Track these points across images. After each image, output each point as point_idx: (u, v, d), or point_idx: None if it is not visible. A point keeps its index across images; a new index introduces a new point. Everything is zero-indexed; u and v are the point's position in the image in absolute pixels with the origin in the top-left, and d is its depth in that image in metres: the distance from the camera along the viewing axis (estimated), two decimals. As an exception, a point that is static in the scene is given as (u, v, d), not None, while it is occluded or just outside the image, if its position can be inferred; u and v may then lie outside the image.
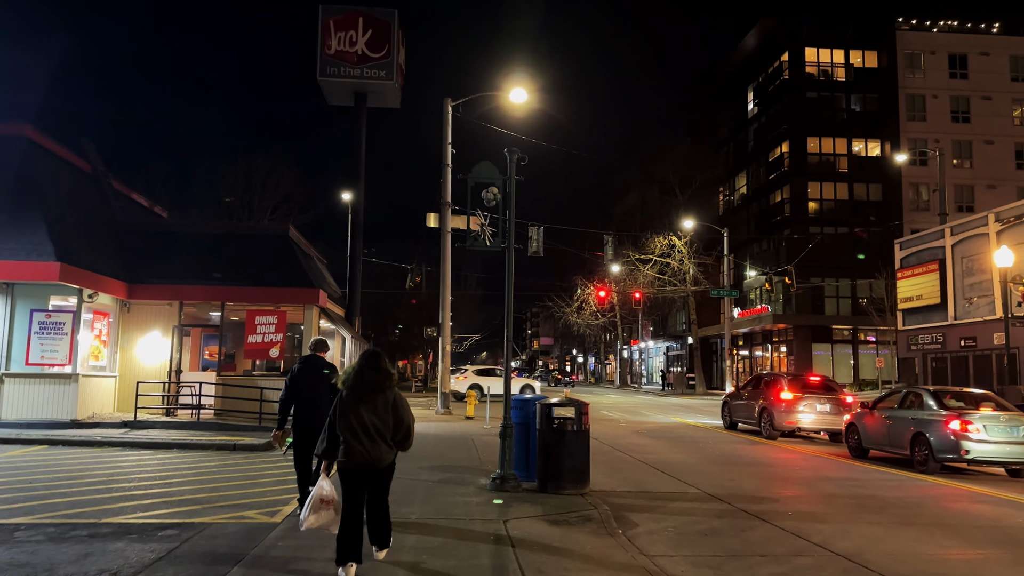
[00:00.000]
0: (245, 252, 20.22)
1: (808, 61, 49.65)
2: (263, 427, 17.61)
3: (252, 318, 19.49)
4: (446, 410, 24.76)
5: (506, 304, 10.36)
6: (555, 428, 9.84)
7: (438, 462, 12.87)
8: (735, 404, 21.68)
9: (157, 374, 19.55)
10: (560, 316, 71.44)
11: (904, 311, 29.73)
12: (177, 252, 19.77)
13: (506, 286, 10.41)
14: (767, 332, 51.27)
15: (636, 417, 26.62)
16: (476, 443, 16.23)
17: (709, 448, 17.10)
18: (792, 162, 48.66)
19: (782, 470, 13.96)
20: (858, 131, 49.40)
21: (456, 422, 21.83)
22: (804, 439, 19.74)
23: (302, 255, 21.11)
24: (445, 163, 25.60)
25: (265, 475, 11.17)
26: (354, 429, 5.81)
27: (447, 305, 25.48)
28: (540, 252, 26.66)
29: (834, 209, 48.88)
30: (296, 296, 19.50)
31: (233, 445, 13.57)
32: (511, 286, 10.38)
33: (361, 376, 5.90)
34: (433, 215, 25.69)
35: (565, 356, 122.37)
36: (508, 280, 10.40)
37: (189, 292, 19.36)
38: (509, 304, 10.35)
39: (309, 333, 19.67)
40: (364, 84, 26.03)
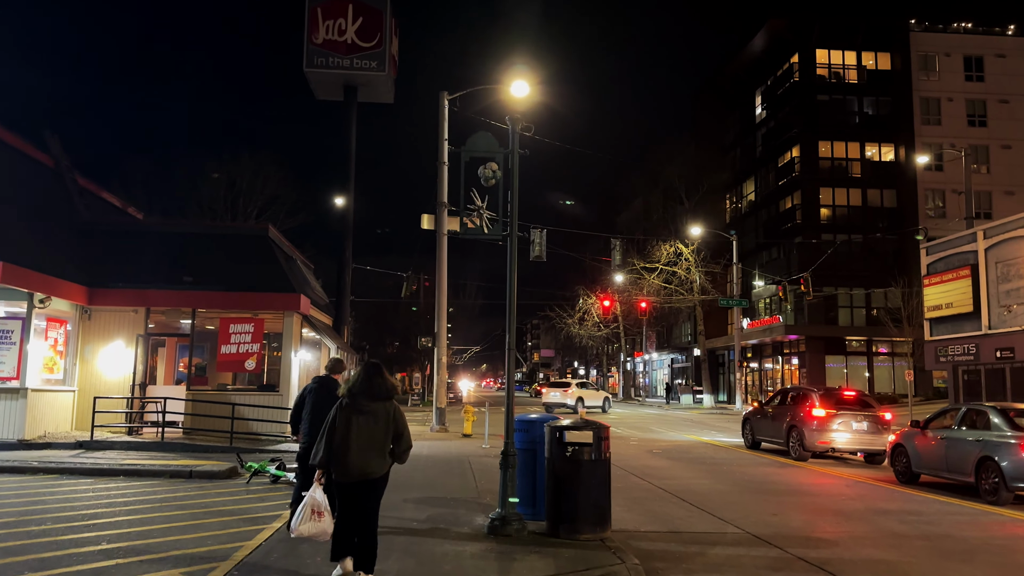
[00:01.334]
0: (220, 254, 18.39)
1: (819, 63, 48.00)
2: (234, 448, 15.72)
3: (226, 326, 17.65)
4: (442, 427, 22.86)
5: (508, 304, 8.50)
6: (569, 457, 7.96)
7: (428, 492, 10.98)
8: (758, 421, 19.78)
9: (122, 388, 17.68)
10: (562, 327, 69.57)
11: (932, 320, 27.87)
12: (144, 253, 17.95)
13: (508, 283, 8.55)
14: (777, 344, 49.33)
15: (647, 434, 24.70)
16: (473, 467, 14.32)
17: (735, 472, 15.19)
18: (803, 167, 46.92)
19: (827, 500, 12.05)
20: (871, 135, 47.68)
21: (452, 440, 19.93)
22: (836, 460, 17.82)
23: (283, 257, 19.27)
24: (441, 161, 23.83)
25: (215, 511, 9.27)
26: (351, 439, 5.84)
27: (443, 313, 23.62)
28: (543, 256, 24.86)
29: (847, 216, 47.08)
30: (275, 302, 17.65)
31: (190, 471, 11.68)
32: (514, 283, 8.53)
33: (364, 387, 5.98)
34: (428, 216, 23.86)
35: (566, 368, 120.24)
36: (510, 276, 8.54)
37: (156, 297, 17.52)
38: (512, 303, 8.49)
39: (289, 343, 17.80)
40: (354, 76, 24.27)
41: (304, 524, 5.99)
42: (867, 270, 44.80)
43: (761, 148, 52.82)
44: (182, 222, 19.76)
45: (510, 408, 8.40)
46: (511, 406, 8.40)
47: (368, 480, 5.91)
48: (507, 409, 8.40)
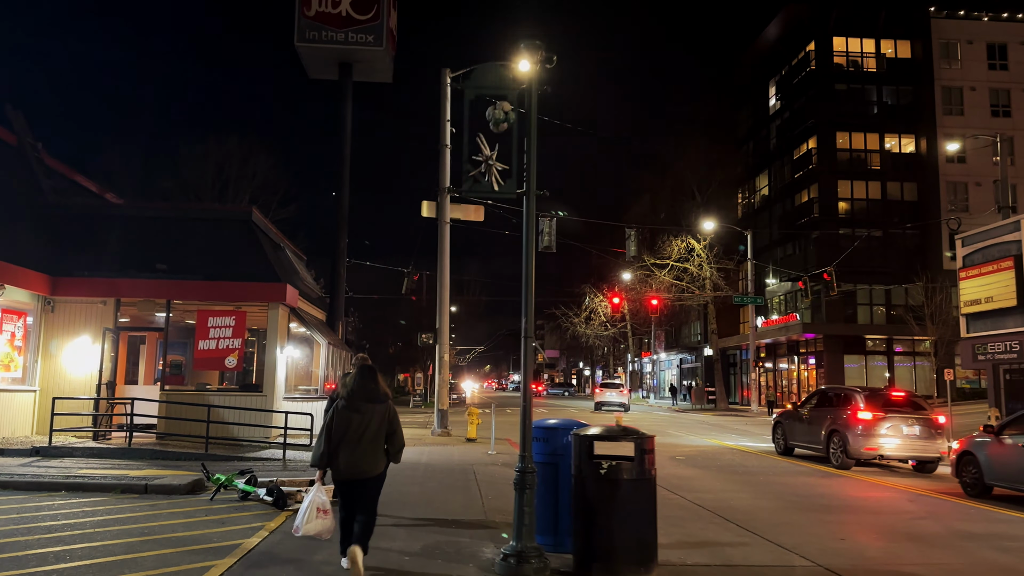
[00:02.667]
0: (198, 239, 16.66)
1: (836, 51, 46.12)
2: (210, 455, 13.98)
3: (204, 319, 15.91)
4: (444, 430, 21.10)
5: (524, 281, 6.72)
6: (603, 475, 6.18)
7: (425, 513, 9.22)
8: (792, 425, 17.98)
9: (89, 388, 15.95)
10: (568, 327, 67.77)
11: (969, 316, 25.99)
12: (115, 239, 16.24)
13: (524, 253, 6.77)
14: (793, 343, 47.48)
15: (665, 438, 22.91)
16: (479, 478, 12.55)
17: (774, 483, 13.41)
18: (820, 159, 45.05)
19: (893, 519, 10.25)
20: (891, 126, 45.79)
21: (455, 445, 18.17)
22: (882, 469, 16.03)
23: (269, 244, 17.53)
24: (443, 143, 22.10)
25: (160, 539, 7.50)
26: (349, 439, 6.06)
27: (445, 307, 21.86)
28: (552, 247, 23.08)
29: (866, 209, 45.20)
30: (258, 292, 15.91)
31: (144, 486, 9.93)
32: (531, 254, 6.74)
33: (360, 388, 6.19)
34: (429, 203, 22.12)
35: (571, 369, 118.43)
36: (527, 244, 6.75)
37: (127, 287, 15.79)
38: (528, 280, 6.71)
39: (274, 338, 16.04)
40: (350, 52, 22.50)
41: (310, 523, 6.16)
42: (887, 266, 42.93)
43: (775, 140, 50.97)
44: (157, 205, 18.05)
45: (527, 412, 6.61)
46: (528, 409, 6.61)
47: (367, 478, 6.17)
48: (524, 413, 6.61)
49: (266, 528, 7.90)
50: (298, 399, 17.14)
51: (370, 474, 6.15)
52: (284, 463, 13.70)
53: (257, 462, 13.86)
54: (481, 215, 22.48)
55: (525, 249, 6.66)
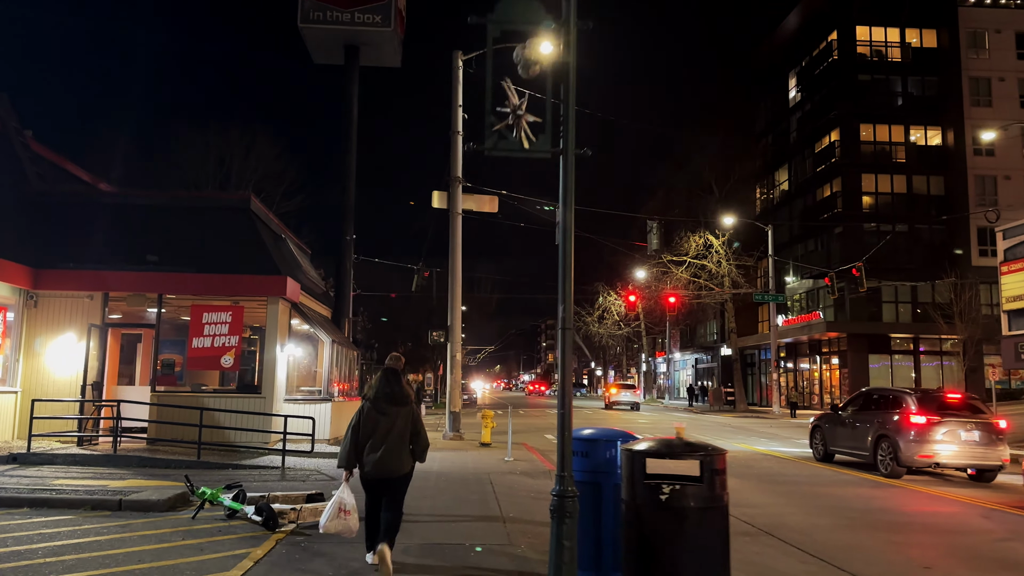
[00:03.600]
0: (192, 229, 15.49)
1: (860, 40, 44.61)
2: (202, 463, 12.81)
3: (198, 314, 14.74)
4: (456, 434, 19.87)
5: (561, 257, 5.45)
6: (663, 503, 4.91)
7: (439, 534, 7.99)
8: (832, 429, 16.63)
9: (74, 389, 14.79)
10: (580, 326, 66.47)
11: (1011, 312, 24.59)
12: (102, 228, 15.07)
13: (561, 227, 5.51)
14: (814, 342, 46.02)
15: (690, 442, 21.57)
16: (496, 489, 11.29)
17: (823, 494, 12.11)
18: (843, 152, 43.55)
19: (975, 540, 8.93)
20: (916, 118, 44.23)
21: (468, 451, 16.92)
22: (934, 477, 14.67)
23: (268, 234, 16.35)
24: (454, 130, 20.87)
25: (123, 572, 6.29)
26: (377, 440, 6.23)
27: (457, 302, 20.64)
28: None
29: (890, 204, 43.65)
30: (256, 286, 14.72)
31: (119, 501, 8.72)
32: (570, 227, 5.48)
33: (384, 392, 6.35)
34: (440, 194, 20.89)
35: (583, 369, 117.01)
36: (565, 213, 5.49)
37: (115, 280, 14.63)
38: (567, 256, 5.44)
39: (273, 335, 14.84)
40: (356, 33, 21.27)
41: (331, 522, 6.32)
42: (913, 262, 41.43)
43: (796, 133, 49.48)
44: (149, 193, 16.86)
45: (566, 422, 5.34)
46: (568, 418, 5.34)
47: (393, 478, 6.31)
48: (561, 423, 5.34)
49: (251, 558, 6.68)
50: (300, 401, 15.95)
51: (396, 473, 6.31)
52: (282, 472, 12.49)
53: (253, 470, 12.67)
54: (495, 206, 21.26)
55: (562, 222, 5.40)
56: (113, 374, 17.51)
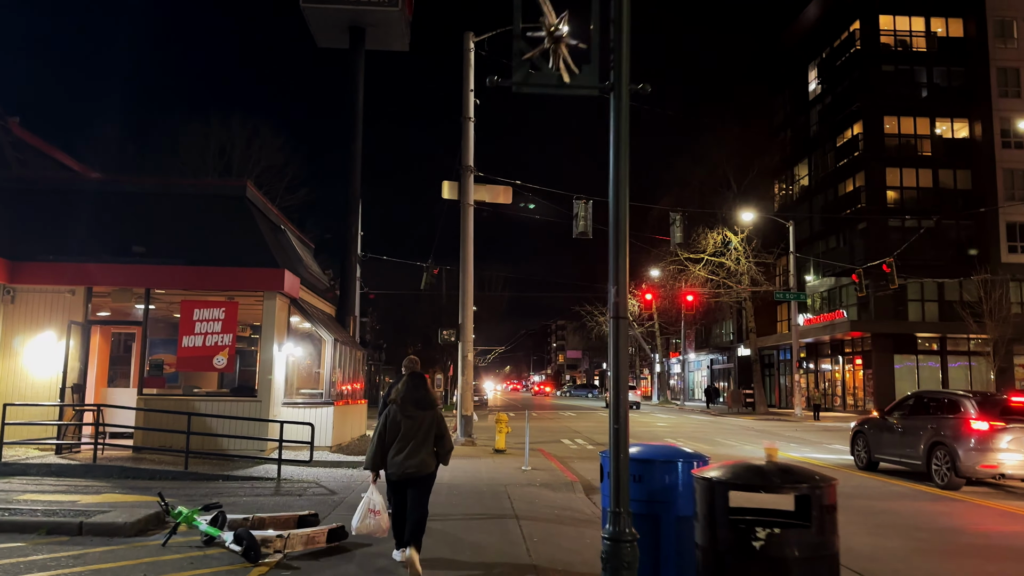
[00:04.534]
0: (183, 218, 14.32)
1: (883, 30, 43.14)
2: (190, 473, 11.63)
3: (189, 311, 13.57)
4: (468, 439, 18.64)
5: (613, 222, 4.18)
6: (755, 552, 3.64)
7: (448, 570, 6.73)
8: (877, 435, 15.28)
9: (54, 391, 13.64)
10: (593, 326, 65.22)
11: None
12: (86, 218, 13.92)
13: (612, 180, 4.23)
14: (837, 342, 44.57)
15: (717, 448, 20.30)
16: (516, 506, 10.04)
17: (880, 510, 10.84)
18: (867, 145, 42.08)
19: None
20: (942, 109, 42.69)
21: (481, 459, 15.68)
22: (995, 489, 13.32)
23: (266, 225, 15.16)
24: (466, 116, 19.67)
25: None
26: (404, 443, 6.44)
27: (469, 299, 19.41)
28: (588, 233, 20.54)
29: (916, 199, 42.13)
30: (251, 279, 13.52)
31: (79, 524, 7.51)
32: (624, 181, 4.21)
33: (410, 396, 6.58)
34: (450, 184, 19.69)
35: (594, 370, 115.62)
36: (618, 166, 4.20)
37: (99, 273, 13.48)
38: (620, 220, 4.17)
39: (271, 333, 13.64)
40: (361, 13, 20.06)
41: (363, 523, 6.59)
42: (940, 259, 39.90)
43: (816, 127, 48.02)
44: (137, 180, 15.67)
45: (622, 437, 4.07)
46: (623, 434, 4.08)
47: (418, 477, 6.47)
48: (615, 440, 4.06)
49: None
50: (301, 405, 14.75)
51: (421, 474, 6.49)
52: (278, 484, 11.28)
53: (245, 482, 11.47)
54: (509, 196, 20.05)
55: (614, 174, 4.16)
56: (102, 375, 16.40)
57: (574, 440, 22.23)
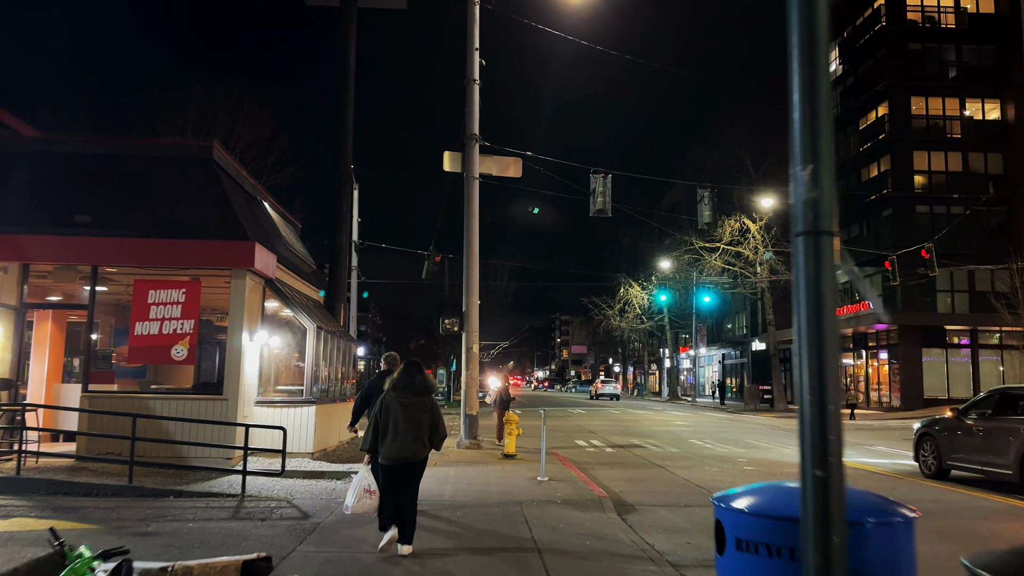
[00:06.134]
0: (137, 184, 12.17)
1: (910, 5, 40.84)
2: (134, 489, 9.55)
3: (143, 292, 11.43)
4: (473, 441, 16.52)
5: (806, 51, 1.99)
6: None
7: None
8: (951, 438, 13.11)
9: (-13, 388, 11.52)
10: (601, 319, 63.06)
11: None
12: (21, 183, 11.78)
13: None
14: (860, 335, 42.37)
15: (749, 451, 18.16)
16: (536, 534, 7.88)
17: (988, 533, 8.71)
18: (893, 127, 39.82)
19: None
20: (973, 89, 40.40)
21: (489, 465, 13.55)
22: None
23: (237, 193, 13.00)
24: (470, 78, 17.52)
25: None
26: (398, 428, 6.62)
27: (474, 285, 17.28)
28: (607, 210, 18.32)
29: (945, 184, 39.84)
30: (215, 254, 11.37)
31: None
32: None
33: (406, 382, 6.78)
34: (452, 155, 17.53)
35: (599, 365, 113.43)
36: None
37: (34, 247, 11.33)
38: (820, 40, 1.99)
39: (239, 318, 11.48)
40: (353, -37, 17.91)
41: (359, 503, 6.66)
42: (970, 247, 37.58)
43: (838, 109, 45.66)
44: (85, 139, 13.39)
45: (834, 492, 1.90)
46: (838, 473, 1.89)
47: (409, 463, 6.67)
48: (820, 496, 1.89)
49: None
50: (279, 404, 12.61)
51: (414, 459, 6.70)
52: (239, 504, 9.15)
53: (200, 499, 9.33)
54: (519, 169, 17.88)
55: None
56: (55, 370, 14.30)
57: (590, 441, 20.11)
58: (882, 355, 40.50)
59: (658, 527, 8.85)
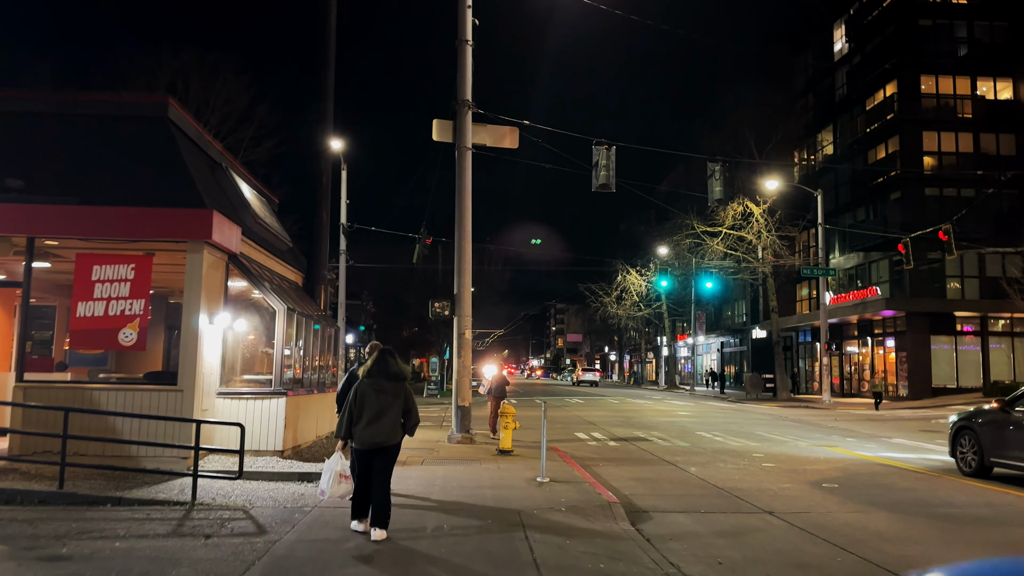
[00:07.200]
0: (79, 145, 10.68)
1: (920, -21, 39.36)
2: (65, 496, 8.17)
3: (86, 268, 9.99)
4: (465, 435, 15.15)
5: None
6: None
7: None
8: (995, 433, 11.76)
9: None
10: (598, 307, 61.63)
11: None
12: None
13: None
14: (865, 323, 41.12)
15: (763, 444, 16.83)
16: (539, 554, 6.50)
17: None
18: (901, 107, 38.38)
19: None
20: (984, 68, 39.00)
21: (483, 462, 12.17)
22: None
23: (196, 157, 11.50)
24: (462, 39, 16.04)
25: None
26: (372, 413, 6.76)
27: (466, 265, 15.85)
28: (611, 185, 16.80)
29: (955, 165, 38.48)
30: (166, 223, 9.90)
31: None
32: None
33: (380, 369, 6.92)
34: (442, 123, 16.07)
35: (595, 354, 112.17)
36: None
37: (-41, 217, 9.83)
38: None
39: (196, 297, 10.03)
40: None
41: (335, 487, 6.84)
42: (981, 231, 36.25)
43: (844, 89, 44.26)
44: (19, 94, 11.85)
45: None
46: None
47: (383, 447, 6.80)
48: None
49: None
50: (247, 396, 11.16)
51: (387, 444, 6.82)
52: (186, 513, 7.73)
53: (142, 509, 7.93)
54: (515, 140, 16.42)
55: None
56: (3, 357, 12.84)
57: (591, 434, 18.77)
58: (888, 343, 39.23)
59: (680, 541, 7.49)
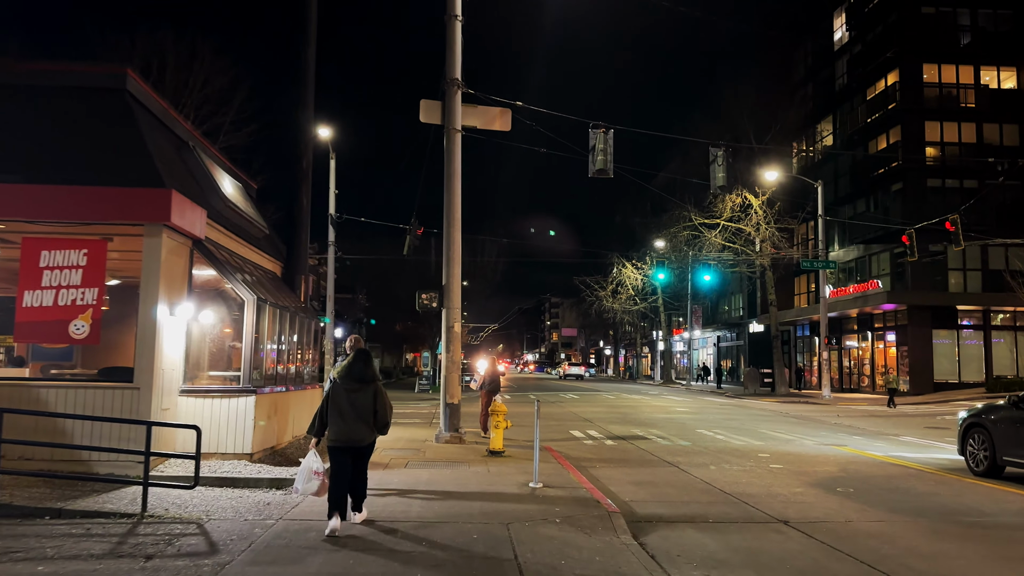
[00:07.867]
0: (27, 120, 9.76)
1: (923, -34, 38.50)
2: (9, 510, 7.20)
3: (33, 254, 9.08)
4: (454, 434, 14.29)
5: None
6: None
7: None
8: (1007, 430, 10.90)
9: None
10: (592, 301, 60.77)
11: None
12: None
13: None
14: (865, 316, 40.38)
15: (766, 442, 16.02)
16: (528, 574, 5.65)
17: None
18: (904, 96, 37.58)
19: None
20: (988, 57, 38.21)
21: (472, 465, 11.31)
22: None
23: (158, 134, 10.57)
24: (451, 13, 15.11)
25: None
26: (343, 413, 6.99)
27: (456, 254, 14.96)
28: (609, 170, 15.97)
29: (958, 156, 37.71)
30: (120, 204, 8.98)
31: None
32: None
33: (351, 371, 7.15)
34: (430, 104, 15.16)
35: (590, 348, 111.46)
36: None
37: None
38: None
39: (153, 286, 9.12)
40: None
41: (307, 484, 6.99)
42: (984, 222, 35.45)
43: (844, 79, 43.40)
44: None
45: None
46: None
47: (356, 447, 7.08)
48: None
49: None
50: (215, 394, 10.26)
51: (360, 443, 7.08)
52: (131, 528, 6.85)
53: (83, 523, 7.04)
54: (507, 121, 15.51)
55: None
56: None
57: (586, 432, 17.93)
58: (889, 337, 38.51)
59: (689, 558, 6.65)
